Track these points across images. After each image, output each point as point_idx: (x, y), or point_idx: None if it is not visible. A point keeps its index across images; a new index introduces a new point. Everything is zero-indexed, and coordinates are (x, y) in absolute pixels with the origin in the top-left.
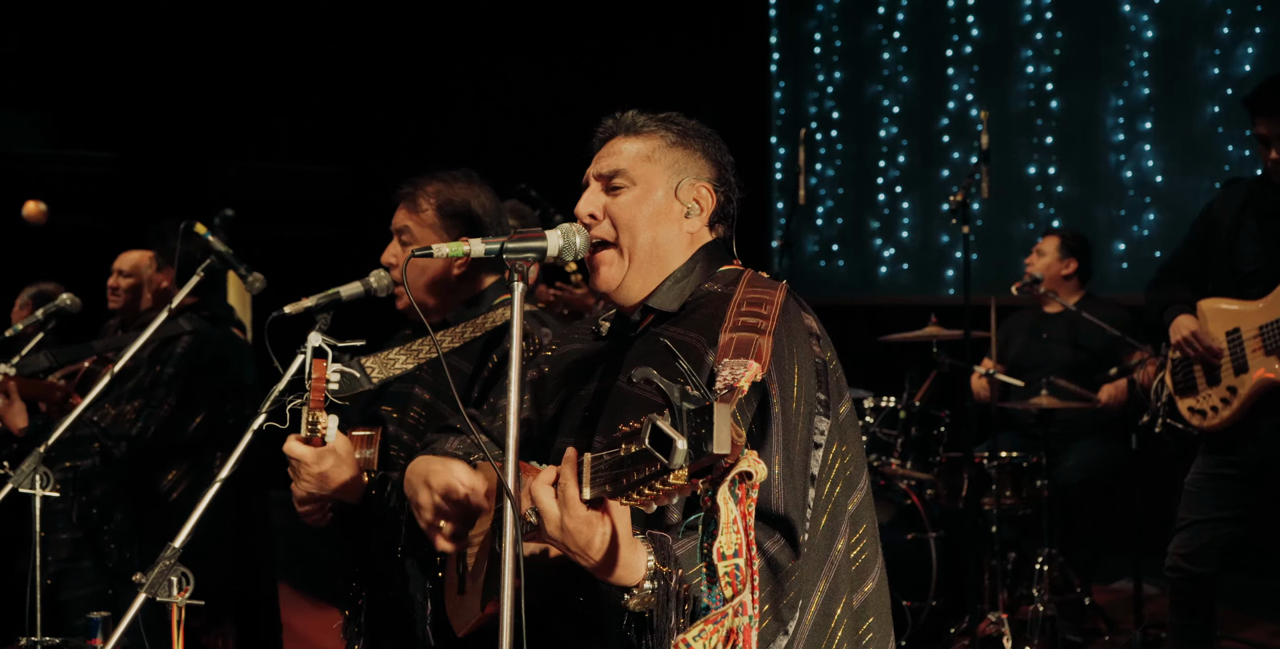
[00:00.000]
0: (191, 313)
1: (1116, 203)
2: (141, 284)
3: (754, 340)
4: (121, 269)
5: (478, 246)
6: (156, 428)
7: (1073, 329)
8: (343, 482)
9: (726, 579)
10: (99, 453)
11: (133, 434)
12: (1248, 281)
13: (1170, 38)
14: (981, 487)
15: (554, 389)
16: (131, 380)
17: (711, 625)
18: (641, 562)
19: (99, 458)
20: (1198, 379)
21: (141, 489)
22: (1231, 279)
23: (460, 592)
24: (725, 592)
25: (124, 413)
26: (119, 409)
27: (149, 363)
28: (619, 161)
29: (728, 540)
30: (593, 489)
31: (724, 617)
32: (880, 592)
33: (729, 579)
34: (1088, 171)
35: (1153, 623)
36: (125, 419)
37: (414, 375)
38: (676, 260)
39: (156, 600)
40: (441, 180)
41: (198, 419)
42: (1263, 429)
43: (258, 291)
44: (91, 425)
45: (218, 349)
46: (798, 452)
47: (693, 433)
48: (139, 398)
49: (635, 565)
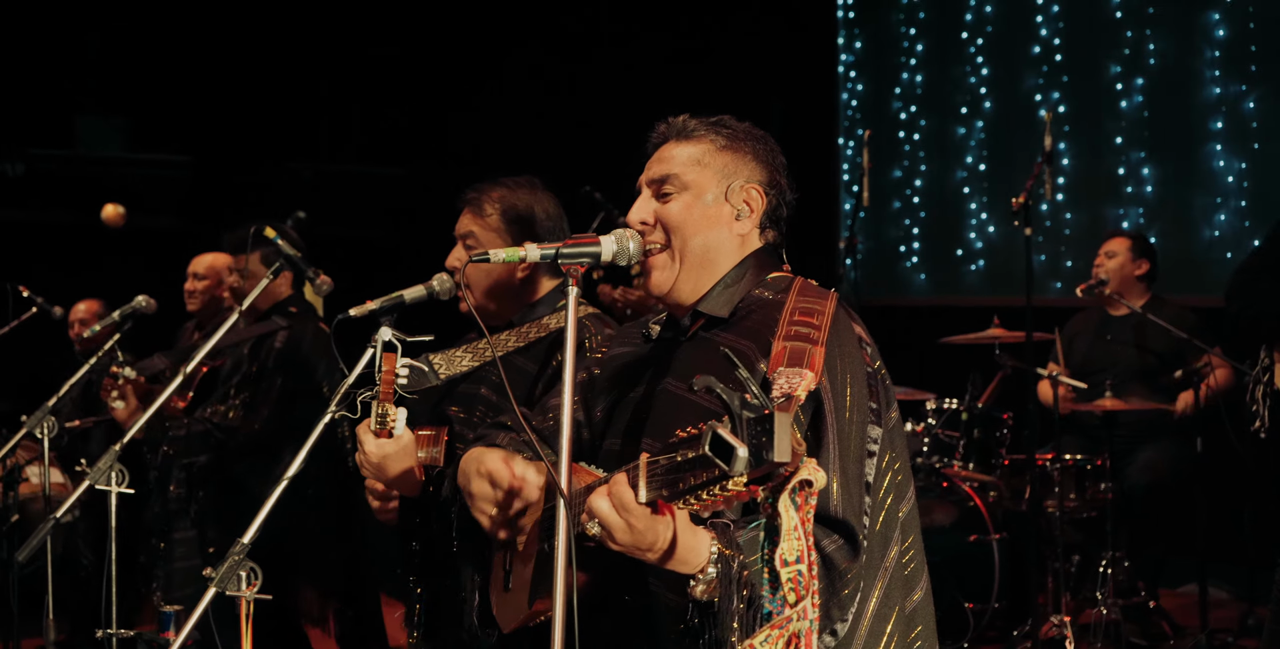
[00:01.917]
0: (282, 310)
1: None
2: (218, 286)
3: (807, 350)
4: (196, 272)
5: (534, 251)
6: (264, 422)
7: (1139, 332)
8: (399, 472)
9: (790, 585)
10: (215, 449)
11: (244, 429)
12: None
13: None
14: (1045, 489)
15: (603, 391)
16: (236, 377)
17: (777, 630)
18: (705, 546)
19: (215, 454)
20: None
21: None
22: None
23: (506, 589)
24: (789, 597)
25: (233, 408)
26: (227, 405)
27: (249, 359)
28: (668, 167)
29: (790, 547)
30: (649, 492)
31: (788, 622)
32: (927, 601)
33: (792, 585)
34: (1173, 170)
35: (1219, 628)
36: (235, 415)
37: (480, 376)
38: (727, 264)
39: (226, 595)
40: (506, 186)
41: (295, 415)
42: None
43: (325, 294)
44: (204, 422)
45: (311, 344)
46: (853, 460)
47: (753, 440)
48: (245, 393)
49: (699, 549)
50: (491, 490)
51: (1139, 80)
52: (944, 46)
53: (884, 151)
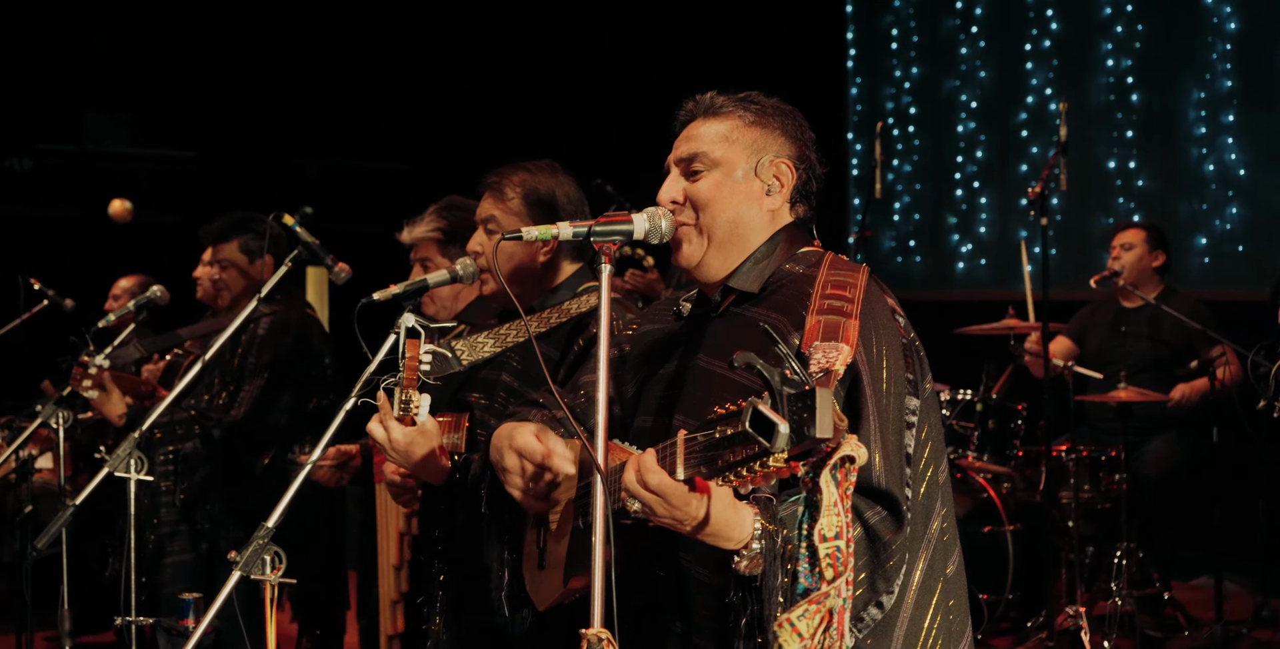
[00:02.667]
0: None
1: (1199, 197)
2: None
3: (841, 323)
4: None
5: (566, 230)
6: (248, 410)
7: (1153, 323)
8: (424, 459)
9: (828, 561)
10: (199, 436)
11: (227, 417)
12: None
13: (1253, 29)
14: (1059, 480)
15: (633, 368)
16: (220, 366)
17: (815, 605)
18: (748, 522)
19: (199, 441)
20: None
21: (234, 473)
22: None
23: (540, 567)
24: (826, 573)
25: (216, 396)
26: (211, 393)
27: (231, 347)
28: (697, 145)
29: (829, 522)
30: (686, 469)
31: (825, 597)
32: (960, 575)
33: (830, 561)
34: (1169, 166)
35: (1232, 620)
36: (218, 403)
37: (501, 362)
38: (757, 239)
39: (251, 578)
40: (527, 170)
41: (283, 401)
42: None
43: (344, 282)
44: (189, 409)
45: (298, 330)
46: (893, 431)
47: (794, 417)
48: (229, 382)
49: (743, 525)
50: (524, 464)
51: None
52: (937, 42)
53: (887, 146)
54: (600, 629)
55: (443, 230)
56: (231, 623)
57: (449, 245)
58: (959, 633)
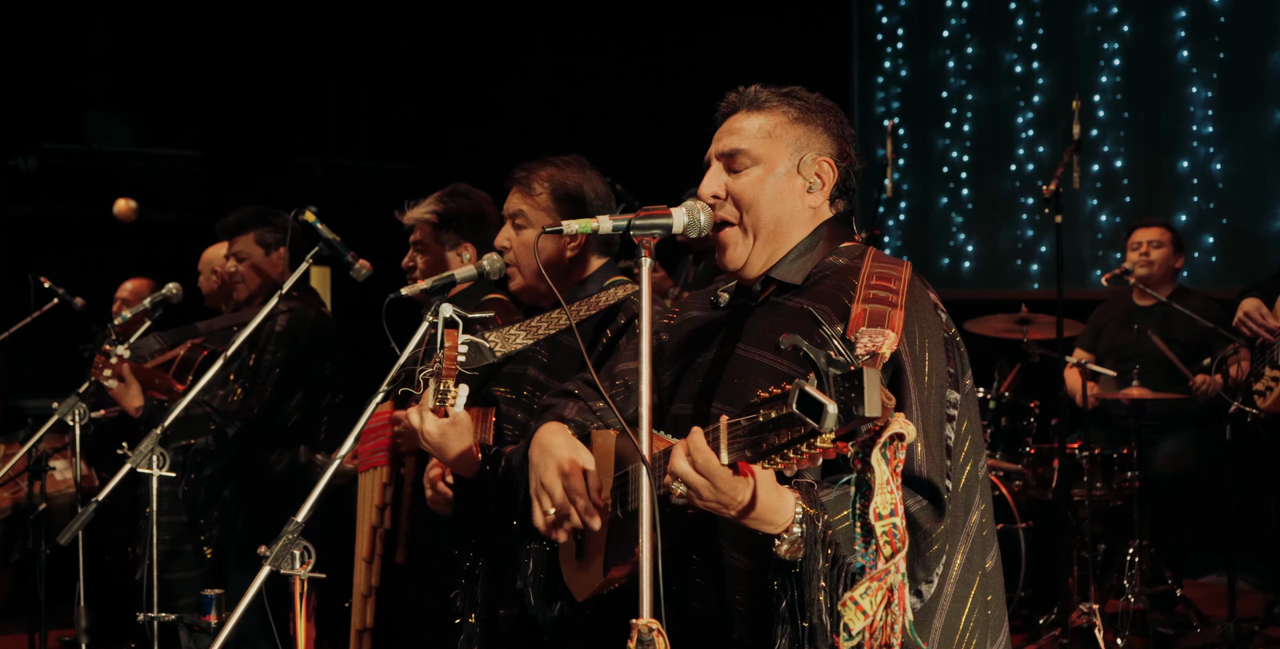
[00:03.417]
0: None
1: (1205, 197)
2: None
3: (886, 311)
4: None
5: (606, 223)
6: (262, 407)
7: (1165, 321)
8: (459, 451)
9: (885, 538)
10: (213, 432)
11: (242, 414)
12: None
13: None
14: (1072, 478)
15: (671, 357)
16: (236, 362)
17: (876, 583)
18: (789, 506)
19: (213, 437)
20: (1264, 362)
21: (246, 469)
22: None
23: (579, 558)
24: (884, 550)
25: (232, 392)
26: (227, 389)
27: (248, 344)
28: (740, 141)
29: (883, 500)
30: (730, 454)
31: (886, 574)
32: (998, 571)
33: (887, 538)
34: (1173, 165)
35: (1244, 617)
36: (234, 399)
37: (528, 356)
38: (799, 234)
39: (280, 573)
40: (554, 165)
41: (296, 398)
42: None
43: (364, 278)
44: (204, 405)
45: (313, 328)
46: (934, 423)
47: (841, 396)
48: (245, 378)
49: (784, 510)
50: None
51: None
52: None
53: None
54: (650, 620)
55: (438, 214)
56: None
57: (443, 230)
58: (996, 627)
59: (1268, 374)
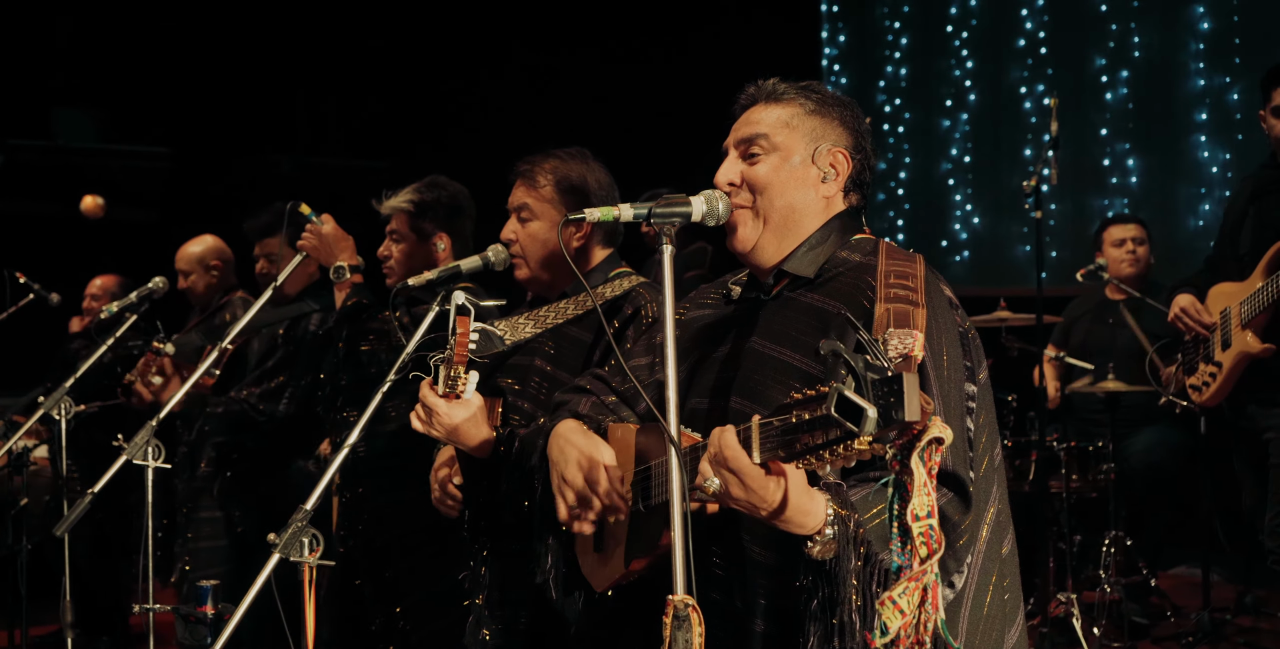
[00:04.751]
0: (314, 292)
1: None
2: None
3: (910, 311)
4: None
5: (627, 211)
6: (298, 405)
7: (1137, 315)
8: (471, 435)
9: (921, 539)
10: (248, 429)
11: (279, 410)
12: (1244, 263)
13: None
14: (1048, 470)
15: (684, 352)
16: (271, 360)
17: (913, 583)
18: (821, 508)
19: (247, 435)
20: (1198, 357)
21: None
22: (1236, 264)
23: (597, 549)
24: (921, 551)
25: (268, 390)
26: (263, 387)
27: (284, 342)
28: (757, 128)
29: (920, 502)
30: (762, 454)
31: (923, 574)
32: (1014, 555)
33: (923, 539)
34: (1164, 159)
35: (1218, 607)
36: (270, 395)
37: (534, 347)
38: (811, 225)
39: (290, 560)
40: (558, 157)
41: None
42: None
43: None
44: (241, 402)
45: None
46: (955, 416)
47: (880, 401)
48: (281, 374)
49: (815, 512)
50: (585, 485)
51: (1124, 72)
52: (928, 39)
53: (879, 140)
54: (685, 595)
55: (414, 203)
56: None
57: (419, 219)
58: (1012, 612)
59: (1202, 369)
